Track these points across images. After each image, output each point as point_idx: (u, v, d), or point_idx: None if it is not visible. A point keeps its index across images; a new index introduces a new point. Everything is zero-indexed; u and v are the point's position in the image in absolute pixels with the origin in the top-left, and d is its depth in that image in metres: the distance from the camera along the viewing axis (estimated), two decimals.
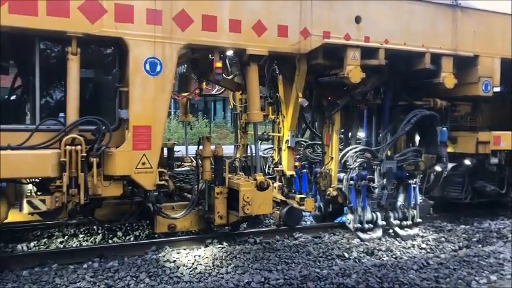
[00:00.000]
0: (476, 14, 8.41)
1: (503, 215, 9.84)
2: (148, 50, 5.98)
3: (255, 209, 6.74)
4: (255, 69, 6.87)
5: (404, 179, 8.25)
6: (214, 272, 6.27)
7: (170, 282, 5.93)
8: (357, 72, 7.11)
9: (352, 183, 7.81)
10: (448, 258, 6.98)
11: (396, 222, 8.18)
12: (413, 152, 8.30)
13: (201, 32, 6.27)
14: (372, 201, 8.07)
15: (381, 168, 7.86)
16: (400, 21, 7.65)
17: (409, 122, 8.00)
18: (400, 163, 8.09)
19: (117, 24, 5.81)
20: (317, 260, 6.90)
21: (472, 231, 8.71)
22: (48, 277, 5.82)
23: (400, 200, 8.31)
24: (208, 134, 6.98)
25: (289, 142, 7.83)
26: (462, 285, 6.13)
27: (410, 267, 6.54)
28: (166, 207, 7.04)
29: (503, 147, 8.83)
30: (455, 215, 9.67)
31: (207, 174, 6.94)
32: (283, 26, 6.80)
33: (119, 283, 5.79)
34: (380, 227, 8.06)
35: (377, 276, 6.04)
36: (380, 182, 7.90)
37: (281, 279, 5.76)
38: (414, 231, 8.21)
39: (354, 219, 7.90)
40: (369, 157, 7.99)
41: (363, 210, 7.91)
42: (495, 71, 8.52)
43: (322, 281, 5.81)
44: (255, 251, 6.99)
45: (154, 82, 6.03)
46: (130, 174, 5.97)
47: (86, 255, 6.63)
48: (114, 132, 6.02)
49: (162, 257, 6.62)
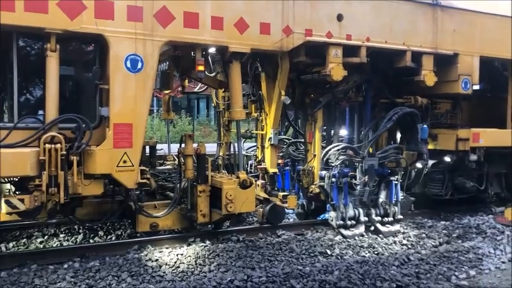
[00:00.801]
0: (456, 13, 8.53)
1: (482, 210, 10.01)
2: (129, 47, 5.91)
3: (238, 207, 6.73)
4: (237, 66, 6.85)
5: (386, 176, 8.33)
6: (197, 270, 6.23)
7: (152, 281, 5.88)
8: (338, 70, 7.15)
9: (334, 181, 7.86)
10: (428, 254, 7.07)
11: (378, 218, 8.26)
12: (395, 149, 8.39)
13: (182, 29, 6.23)
14: (354, 198, 8.13)
15: (362, 165, 7.93)
16: (381, 19, 7.71)
17: (390, 120, 8.08)
18: (382, 160, 8.16)
19: (97, 21, 5.73)
20: (300, 257, 6.90)
21: (452, 227, 8.83)
22: (28, 278, 5.71)
23: (382, 196, 8.40)
24: (191, 132, 6.94)
25: (272, 140, 7.83)
26: (442, 281, 6.22)
27: (392, 263, 6.59)
28: (148, 206, 6.97)
29: (482, 144, 8.97)
30: (436, 211, 9.80)
31: (189, 173, 6.90)
32: (265, 24, 6.79)
33: (100, 283, 5.71)
34: (362, 223, 8.13)
35: (359, 273, 6.08)
36: (362, 179, 7.97)
37: (264, 276, 5.74)
38: (395, 228, 8.30)
39: (337, 217, 7.95)
40: (351, 154, 8.04)
41: (345, 207, 7.96)
42: (474, 69, 8.65)
43: (305, 278, 5.80)
44: (238, 249, 6.96)
45: (135, 79, 5.97)
46: (111, 173, 5.90)
47: (66, 255, 6.52)
48: (94, 130, 5.94)
49: (144, 256, 6.55)
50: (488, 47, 8.83)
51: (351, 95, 8.55)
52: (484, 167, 9.50)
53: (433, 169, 9.08)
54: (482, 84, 10.82)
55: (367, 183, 8.04)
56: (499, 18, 8.97)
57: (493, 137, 9.14)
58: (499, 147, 9.30)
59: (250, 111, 8.78)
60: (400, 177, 8.37)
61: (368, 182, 8.02)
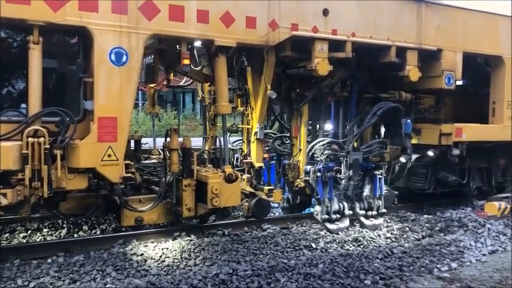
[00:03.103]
0: (440, 9, 8.60)
1: (464, 204, 10.17)
2: (114, 39, 5.85)
3: (223, 201, 6.73)
4: (223, 60, 6.83)
5: (370, 170, 8.41)
6: (182, 264, 6.25)
7: (137, 275, 5.87)
8: (324, 65, 7.17)
9: (319, 175, 7.90)
10: (411, 247, 7.18)
11: (362, 212, 8.34)
12: (379, 143, 8.46)
13: (168, 22, 6.17)
14: (338, 192, 8.19)
15: (347, 160, 7.98)
16: (366, 14, 7.74)
17: (374, 114, 8.14)
18: (366, 154, 8.23)
19: (81, 13, 5.64)
20: (285, 250, 6.96)
21: (435, 220, 8.97)
22: (10, 273, 5.66)
23: (366, 190, 8.47)
24: (176, 126, 6.88)
25: (258, 134, 7.84)
26: (425, 273, 6.33)
27: (376, 256, 6.68)
28: (133, 200, 6.92)
29: (465, 139, 9.10)
30: (419, 205, 9.93)
31: (174, 167, 6.87)
32: (251, 18, 6.78)
33: (84, 277, 5.70)
34: (347, 217, 8.20)
35: (343, 266, 6.16)
36: (346, 174, 8.03)
37: (249, 270, 5.78)
38: (379, 221, 8.39)
39: (322, 211, 8.00)
40: (336, 149, 8.10)
41: (330, 201, 8.02)
42: (458, 64, 8.74)
43: (290, 271, 5.86)
44: (224, 242, 6.99)
45: (119, 73, 5.90)
46: (96, 167, 5.84)
47: (50, 249, 6.48)
48: (78, 124, 5.86)
49: (129, 250, 6.54)
50: (471, 43, 8.93)
51: (336, 90, 8.59)
52: (466, 161, 9.64)
53: (416, 163, 9.19)
54: (465, 80, 11.00)
55: (351, 178, 8.11)
56: (481, 14, 9.09)
57: (475, 131, 9.27)
58: (481, 142, 9.44)
59: (236, 106, 8.77)
60: (384, 171, 8.46)
61: (353, 176, 8.09)
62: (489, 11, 9.23)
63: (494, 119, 9.67)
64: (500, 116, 9.56)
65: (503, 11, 9.45)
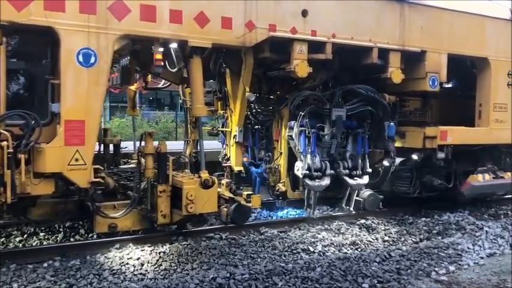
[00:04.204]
0: (424, 10, 8.45)
1: (462, 207, 10.03)
2: (82, 40, 5.66)
3: (198, 208, 6.54)
4: (198, 61, 6.64)
5: (354, 129, 8.15)
6: (179, 268, 6.19)
7: (134, 279, 5.82)
8: (303, 67, 7.00)
9: (302, 130, 7.55)
10: (409, 250, 7.13)
11: (346, 171, 8.07)
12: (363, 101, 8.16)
13: (139, 22, 6.00)
14: (321, 149, 7.88)
15: (330, 116, 7.74)
16: (347, 15, 7.58)
17: None
18: (350, 112, 7.95)
19: (46, 13, 5.46)
20: (282, 254, 6.91)
21: (433, 223, 8.89)
22: (6, 278, 5.60)
23: (350, 149, 8.20)
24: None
25: (237, 137, 7.67)
26: (422, 276, 6.29)
27: (373, 259, 6.64)
28: (107, 206, 6.76)
29: (450, 142, 8.93)
30: (417, 208, 9.82)
31: (149, 172, 6.67)
32: (227, 18, 6.61)
33: (81, 281, 5.62)
34: (328, 176, 7.88)
35: (341, 269, 6.12)
36: (329, 131, 7.76)
37: (246, 274, 5.74)
38: (364, 180, 8.16)
39: (303, 166, 7.67)
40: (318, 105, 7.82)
41: (311, 158, 7.68)
42: (442, 66, 8.59)
43: (287, 275, 5.83)
44: (221, 246, 6.92)
45: (88, 74, 5.72)
46: (63, 171, 5.65)
47: (46, 254, 6.40)
48: (46, 127, 5.70)
49: (126, 254, 6.46)
50: (456, 44, 8.78)
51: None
52: (452, 164, 9.47)
53: (400, 167, 9.03)
54: (454, 82, 10.87)
55: (335, 135, 7.84)
56: (467, 15, 8.93)
57: (461, 134, 9.09)
58: (467, 145, 9.28)
59: (217, 109, 8.60)
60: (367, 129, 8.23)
61: (336, 134, 7.82)
62: (475, 12, 9.09)
63: (480, 121, 9.50)
64: (487, 118, 9.40)
65: (489, 12, 9.32)
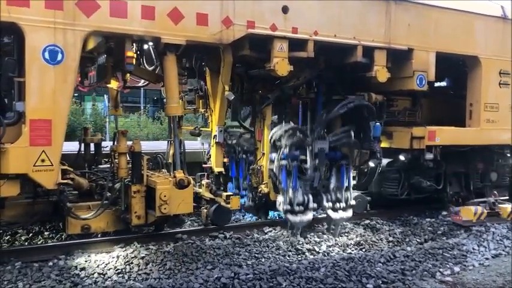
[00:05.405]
0: (411, 7, 8.20)
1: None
2: (48, 37, 5.47)
3: (173, 209, 6.34)
4: (172, 59, 6.44)
5: (338, 160, 7.88)
6: (184, 268, 6.16)
7: (138, 278, 5.80)
8: (284, 65, 6.78)
9: (283, 164, 7.34)
10: (414, 251, 7.05)
11: (329, 204, 7.81)
12: (346, 132, 7.92)
13: (109, 18, 5.79)
14: (304, 183, 7.61)
15: (312, 149, 7.46)
16: (330, 12, 7.34)
17: (344, 106, 7.68)
18: (333, 144, 7.71)
19: (9, 8, 5.26)
20: (287, 254, 6.87)
21: (437, 224, 8.81)
22: (11, 276, 5.60)
23: (333, 182, 7.93)
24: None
25: (217, 137, 7.48)
26: (427, 277, 6.22)
27: (378, 260, 6.56)
28: (82, 206, 6.61)
29: (439, 142, 8.70)
30: (422, 208, 9.68)
31: (122, 172, 6.52)
32: (202, 14, 6.40)
33: (85, 280, 5.62)
34: (311, 210, 7.64)
35: (345, 270, 6.05)
36: (312, 163, 7.49)
37: (251, 274, 5.72)
38: (348, 214, 7.89)
39: (284, 201, 7.44)
40: (300, 137, 7.56)
41: (293, 192, 7.44)
42: (430, 64, 8.34)
43: (292, 275, 5.78)
44: (225, 246, 6.88)
45: (54, 72, 5.53)
46: (28, 173, 5.48)
47: (51, 252, 6.43)
48: (12, 127, 5.53)
49: (130, 253, 6.42)
50: (445, 42, 8.53)
51: (301, 92, 8.21)
52: (441, 166, 9.25)
53: (388, 168, 8.81)
54: (446, 82, 10.63)
55: (317, 168, 7.63)
56: (456, 13, 8.68)
57: (450, 135, 8.86)
58: (457, 146, 9.05)
59: (198, 107, 8.42)
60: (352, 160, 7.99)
61: (318, 166, 7.61)
62: (465, 10, 8.85)
63: (471, 121, 9.26)
64: (478, 118, 9.16)
65: (479, 9, 9.08)
